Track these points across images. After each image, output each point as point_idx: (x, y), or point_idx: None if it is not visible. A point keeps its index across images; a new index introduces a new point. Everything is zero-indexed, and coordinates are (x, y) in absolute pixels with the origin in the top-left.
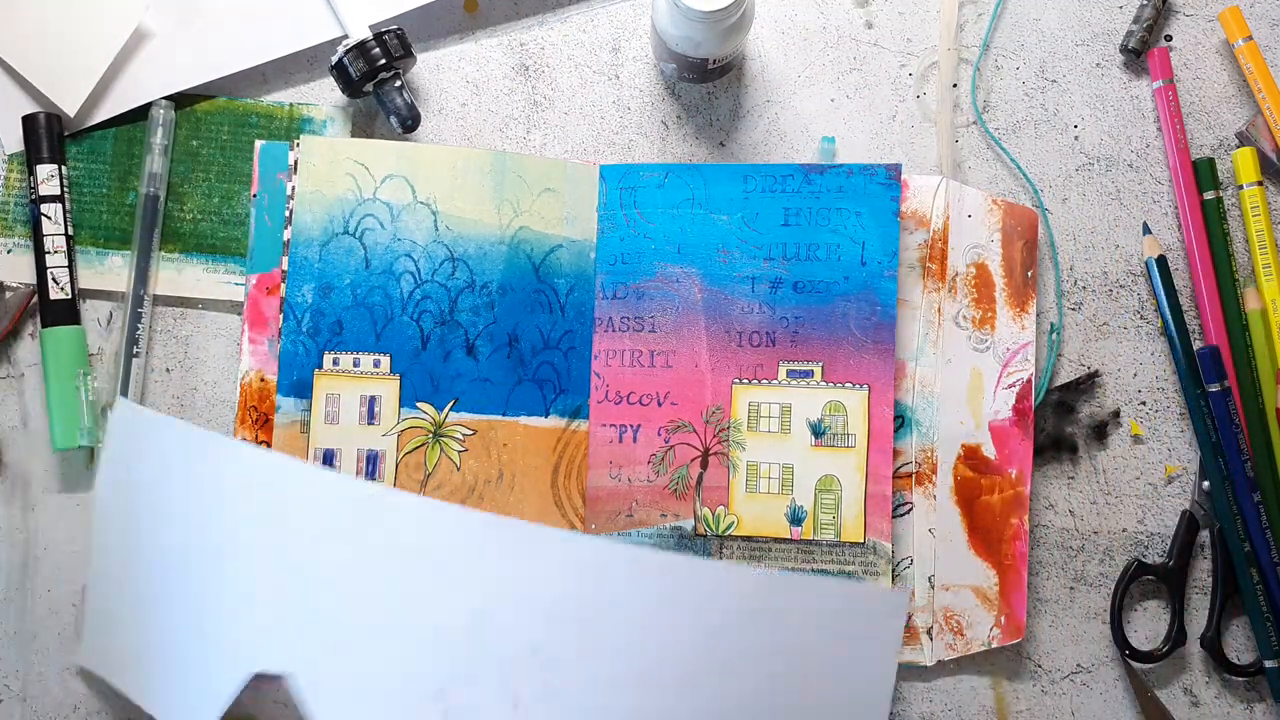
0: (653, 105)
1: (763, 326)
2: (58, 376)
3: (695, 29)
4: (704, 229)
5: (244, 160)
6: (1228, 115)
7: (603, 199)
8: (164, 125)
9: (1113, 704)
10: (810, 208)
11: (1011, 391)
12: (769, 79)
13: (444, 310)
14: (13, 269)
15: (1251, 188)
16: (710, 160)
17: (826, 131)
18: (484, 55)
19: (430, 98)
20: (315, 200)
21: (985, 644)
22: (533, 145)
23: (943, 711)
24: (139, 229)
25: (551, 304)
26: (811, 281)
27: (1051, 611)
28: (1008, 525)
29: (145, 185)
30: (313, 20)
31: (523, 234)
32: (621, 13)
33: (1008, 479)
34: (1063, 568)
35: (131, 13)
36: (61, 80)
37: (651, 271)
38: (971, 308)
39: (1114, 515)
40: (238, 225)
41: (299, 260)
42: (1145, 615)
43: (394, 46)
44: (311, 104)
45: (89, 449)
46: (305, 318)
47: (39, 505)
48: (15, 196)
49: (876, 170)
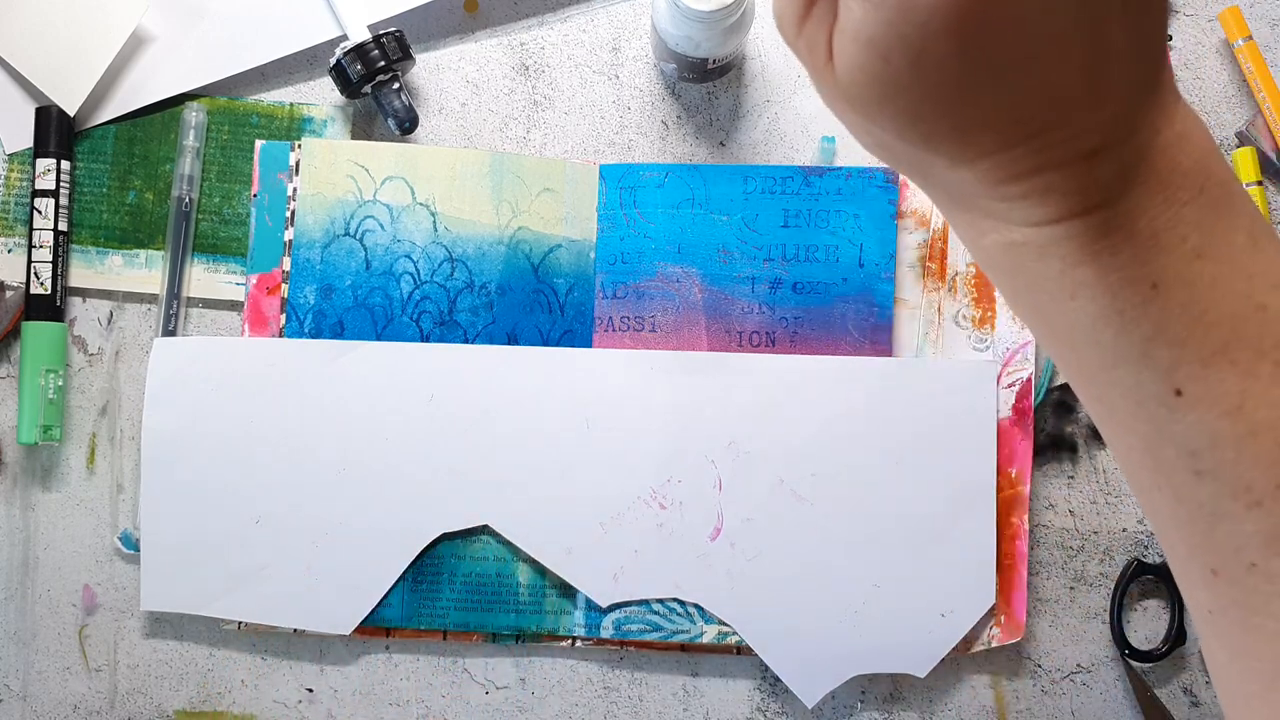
0: (653, 105)
1: (762, 326)
2: (30, 372)
3: (695, 29)
4: (704, 229)
5: (244, 160)
6: (1228, 115)
7: (602, 199)
8: (195, 128)
9: (1113, 704)
10: (810, 209)
11: (1011, 391)
12: (769, 79)
13: (443, 311)
14: (13, 269)
15: (1251, 187)
16: (710, 160)
17: (826, 131)
18: (484, 55)
19: (430, 98)
20: (317, 202)
21: (985, 644)
22: (533, 145)
23: (943, 711)
24: (170, 230)
25: (551, 304)
26: (811, 282)
27: (1051, 611)
28: (1008, 525)
29: (177, 187)
30: (313, 21)
31: (521, 234)
32: (621, 13)
33: (1007, 478)
34: (1063, 568)
35: (132, 12)
36: (62, 79)
37: (651, 271)
38: (971, 307)
39: (1114, 515)
40: (238, 225)
41: (301, 262)
42: (1145, 615)
43: (392, 49)
44: (312, 104)
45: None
46: (308, 319)
47: (39, 505)
48: (16, 196)
49: (875, 173)
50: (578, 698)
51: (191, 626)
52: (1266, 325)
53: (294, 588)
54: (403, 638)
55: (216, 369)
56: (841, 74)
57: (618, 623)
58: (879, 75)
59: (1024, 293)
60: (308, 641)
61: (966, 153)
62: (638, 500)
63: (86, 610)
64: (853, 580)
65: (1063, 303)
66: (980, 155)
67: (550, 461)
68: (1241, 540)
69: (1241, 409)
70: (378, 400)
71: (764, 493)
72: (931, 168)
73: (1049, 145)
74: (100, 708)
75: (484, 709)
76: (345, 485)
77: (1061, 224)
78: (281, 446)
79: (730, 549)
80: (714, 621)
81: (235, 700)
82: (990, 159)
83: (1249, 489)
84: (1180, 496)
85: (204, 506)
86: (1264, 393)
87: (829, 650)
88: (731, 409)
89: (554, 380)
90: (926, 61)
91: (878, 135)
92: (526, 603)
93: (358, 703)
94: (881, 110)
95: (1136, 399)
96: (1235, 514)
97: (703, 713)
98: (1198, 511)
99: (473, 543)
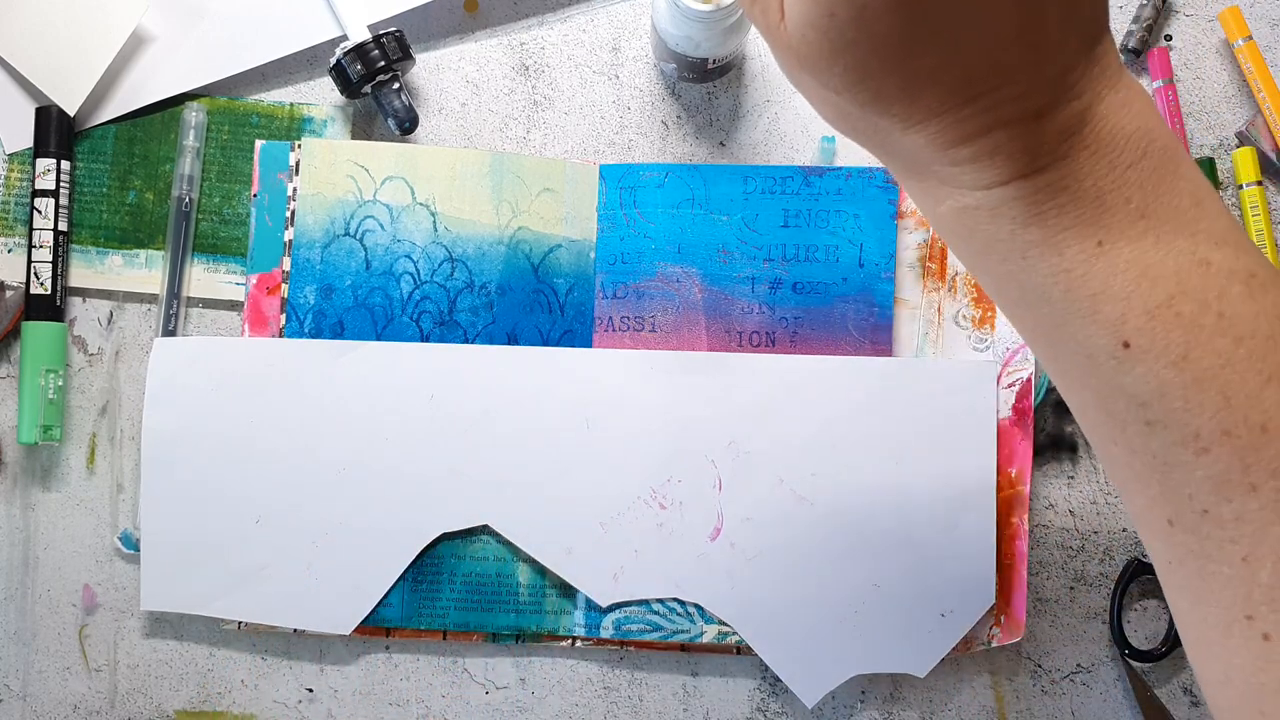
0: (653, 105)
1: (762, 326)
2: (30, 372)
3: (695, 29)
4: (704, 229)
5: (244, 160)
6: (1228, 115)
7: (602, 199)
8: (195, 128)
9: (1113, 704)
10: (810, 209)
11: (1011, 391)
12: (769, 79)
13: (443, 311)
14: (13, 269)
15: (1251, 187)
16: (710, 160)
17: (826, 131)
18: (484, 55)
19: (430, 98)
20: (317, 202)
21: (985, 644)
22: (533, 145)
23: (943, 711)
24: (170, 230)
25: (551, 304)
26: (811, 282)
27: (1051, 611)
28: (1008, 525)
29: (177, 187)
30: (313, 21)
31: (521, 234)
32: (621, 13)
33: (1007, 478)
34: (1063, 568)
35: (132, 12)
36: (62, 79)
37: (651, 271)
38: (971, 307)
39: (1114, 515)
40: (238, 225)
41: (301, 262)
42: (1145, 615)
43: (392, 49)
44: (312, 104)
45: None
46: (308, 319)
47: (39, 505)
48: (16, 196)
49: (875, 173)
50: (578, 698)
51: (191, 626)
52: (1210, 279)
53: (294, 588)
54: (403, 638)
55: (216, 369)
56: (793, 31)
57: (618, 623)
58: (826, 30)
59: (979, 256)
60: (308, 641)
61: (915, 113)
62: (638, 500)
63: (86, 610)
64: (853, 580)
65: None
66: (929, 115)
67: (550, 461)
68: (1193, 487)
69: (1186, 358)
70: (378, 400)
71: (764, 493)
72: (888, 134)
73: (995, 104)
74: (100, 708)
75: (484, 709)
76: (345, 485)
77: (1010, 185)
78: (281, 446)
79: (730, 549)
80: (714, 621)
81: (235, 700)
82: (939, 119)
83: (1197, 435)
84: (1134, 448)
85: (204, 506)
86: (1208, 342)
87: (829, 650)
88: (731, 409)
89: (554, 380)
90: (868, 15)
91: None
92: (526, 603)
93: (358, 703)
94: (830, 67)
95: (1087, 353)
96: (1186, 462)
97: (703, 713)
98: (1151, 462)
99: (473, 543)
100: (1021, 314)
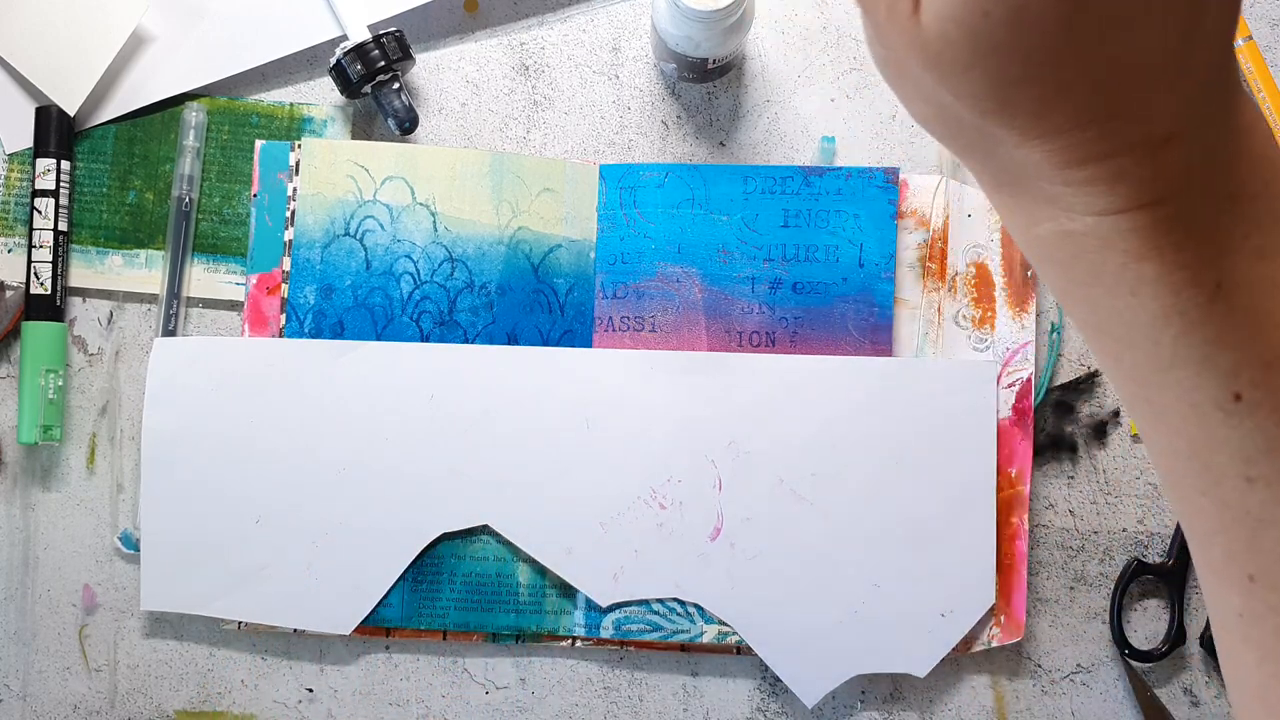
0: (653, 105)
1: (762, 326)
2: (30, 372)
3: (695, 29)
4: (704, 229)
5: (244, 160)
6: None
7: (602, 199)
8: (195, 128)
9: (1113, 704)
10: (810, 209)
11: (1011, 391)
12: (769, 79)
13: (443, 311)
14: (13, 269)
15: None
16: (710, 160)
17: (826, 131)
18: (484, 55)
19: (430, 98)
20: (317, 202)
21: (985, 644)
22: (533, 145)
23: (943, 711)
24: (170, 230)
25: (551, 304)
26: (811, 282)
27: (1051, 611)
28: (1007, 525)
29: (177, 187)
30: (313, 21)
31: (521, 234)
32: (621, 13)
33: (1007, 478)
34: (1063, 568)
35: (132, 12)
36: (62, 79)
37: (651, 271)
38: (971, 307)
39: (1114, 515)
40: (238, 225)
41: (301, 262)
42: (1145, 615)
43: (392, 49)
44: (312, 104)
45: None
46: (308, 319)
47: (39, 505)
48: (16, 196)
49: (875, 173)
50: (578, 698)
51: (191, 626)
52: None
53: (294, 588)
54: (403, 638)
55: (216, 369)
56: (930, 29)
57: (618, 623)
58: (974, 31)
59: (1078, 286)
60: (308, 641)
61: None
62: (638, 500)
63: (86, 610)
64: (853, 580)
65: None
66: (1054, 132)
67: (550, 461)
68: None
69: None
70: (378, 400)
71: (764, 493)
72: (996, 145)
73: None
74: (100, 708)
75: (484, 709)
76: (345, 485)
77: (1127, 214)
78: (281, 446)
79: (730, 549)
80: (714, 621)
81: (235, 700)
82: (1064, 137)
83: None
84: (1227, 502)
85: (204, 506)
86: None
87: (829, 650)
88: (731, 409)
89: (554, 380)
90: (1028, 17)
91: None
92: (526, 603)
93: (358, 703)
94: (968, 72)
95: (1191, 402)
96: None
97: (703, 713)
98: (1244, 518)
99: (473, 543)
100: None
